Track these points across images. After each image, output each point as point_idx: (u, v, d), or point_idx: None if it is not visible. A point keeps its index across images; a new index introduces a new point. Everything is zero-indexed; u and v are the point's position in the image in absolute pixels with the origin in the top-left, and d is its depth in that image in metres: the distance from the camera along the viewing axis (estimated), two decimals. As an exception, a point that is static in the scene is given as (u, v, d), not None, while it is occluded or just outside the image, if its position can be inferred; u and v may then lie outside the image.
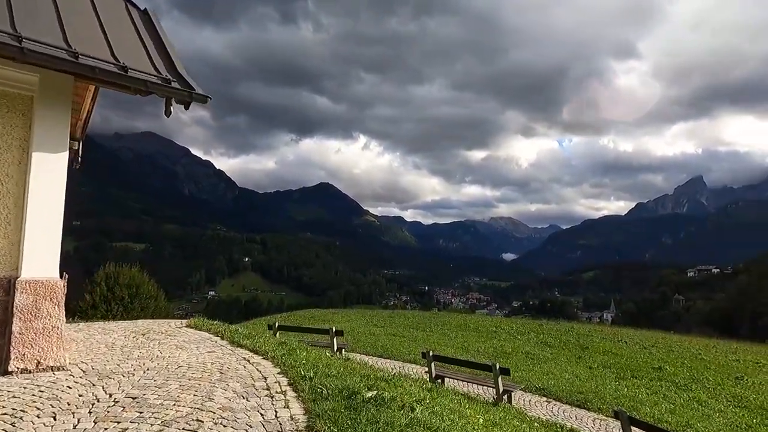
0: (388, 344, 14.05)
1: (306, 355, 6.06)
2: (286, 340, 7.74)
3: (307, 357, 5.96)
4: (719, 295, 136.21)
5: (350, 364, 6.14)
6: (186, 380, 4.92)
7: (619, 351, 17.34)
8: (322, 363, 5.64)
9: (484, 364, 8.82)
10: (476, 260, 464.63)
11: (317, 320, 23.44)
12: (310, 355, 6.18)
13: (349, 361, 6.57)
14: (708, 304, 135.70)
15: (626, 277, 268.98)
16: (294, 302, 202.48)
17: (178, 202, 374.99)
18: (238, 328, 8.00)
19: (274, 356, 5.86)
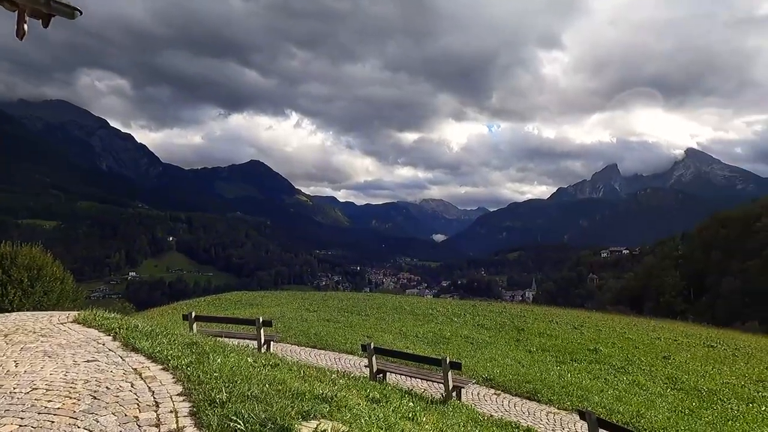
0: (322, 332, 12.87)
1: (221, 363, 4.73)
2: (202, 338, 6.35)
3: (223, 365, 4.64)
4: (628, 274, 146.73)
5: (279, 373, 4.85)
6: (33, 415, 3.45)
7: (552, 332, 17.27)
8: (242, 375, 4.34)
9: (433, 358, 7.90)
10: (408, 241, 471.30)
11: (245, 304, 21.83)
12: (227, 362, 4.84)
13: (277, 368, 5.26)
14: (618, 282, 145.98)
15: (547, 257, 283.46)
16: (222, 283, 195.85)
17: (95, 177, 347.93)
18: (138, 323, 6.46)
19: (178, 366, 4.49)
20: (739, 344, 20.73)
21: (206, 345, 5.60)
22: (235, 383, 3.97)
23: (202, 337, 6.43)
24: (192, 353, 5.06)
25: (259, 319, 9.37)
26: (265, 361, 5.42)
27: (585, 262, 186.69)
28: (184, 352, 5.06)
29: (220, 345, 5.98)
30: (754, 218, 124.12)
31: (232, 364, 4.73)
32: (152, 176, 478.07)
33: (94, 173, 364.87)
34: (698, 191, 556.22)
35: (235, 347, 6.31)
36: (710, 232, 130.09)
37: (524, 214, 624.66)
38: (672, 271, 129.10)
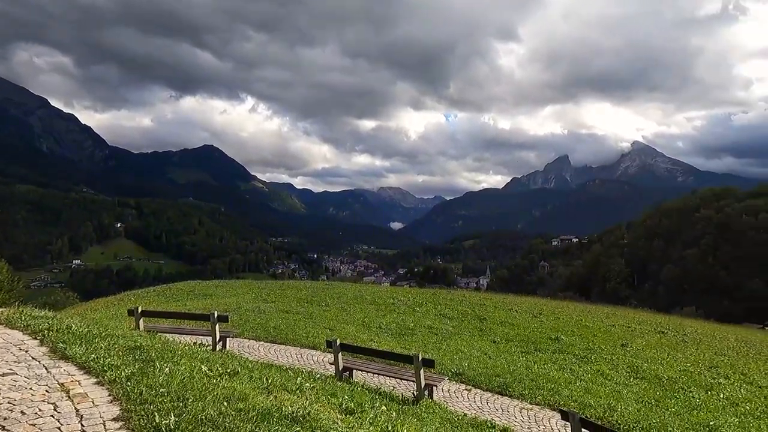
0: (281, 324, 12.16)
1: (170, 373, 4.05)
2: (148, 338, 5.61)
3: (172, 377, 3.95)
4: (577, 262, 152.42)
5: (239, 384, 4.18)
6: None
7: (514, 321, 17.28)
8: (195, 389, 3.69)
9: (403, 355, 7.44)
10: (365, 228, 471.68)
11: (198, 295, 20.78)
12: (177, 372, 4.15)
13: (237, 377, 4.58)
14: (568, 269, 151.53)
15: (501, 245, 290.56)
16: (174, 271, 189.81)
17: (34, 159, 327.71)
18: (73, 323, 5.58)
19: (116, 379, 3.77)
20: (687, 330, 21.51)
21: (152, 349, 4.85)
22: (187, 401, 3.31)
23: (149, 338, 5.68)
24: (135, 361, 4.34)
25: (213, 314, 8.46)
26: (223, 368, 4.73)
27: (537, 250, 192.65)
28: (126, 360, 4.32)
29: (169, 347, 5.24)
30: (693, 209, 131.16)
31: (183, 375, 4.04)
32: (98, 160, 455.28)
33: (33, 155, 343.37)
34: (643, 182, 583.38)
35: (186, 349, 5.59)
36: (653, 222, 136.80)
37: (480, 203, 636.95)
38: (617, 259, 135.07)
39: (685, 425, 7.49)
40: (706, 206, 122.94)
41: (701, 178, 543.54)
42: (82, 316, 14.07)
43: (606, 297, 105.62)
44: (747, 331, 32.81)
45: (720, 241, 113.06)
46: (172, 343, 5.81)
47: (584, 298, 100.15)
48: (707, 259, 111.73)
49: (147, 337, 5.70)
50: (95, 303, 24.50)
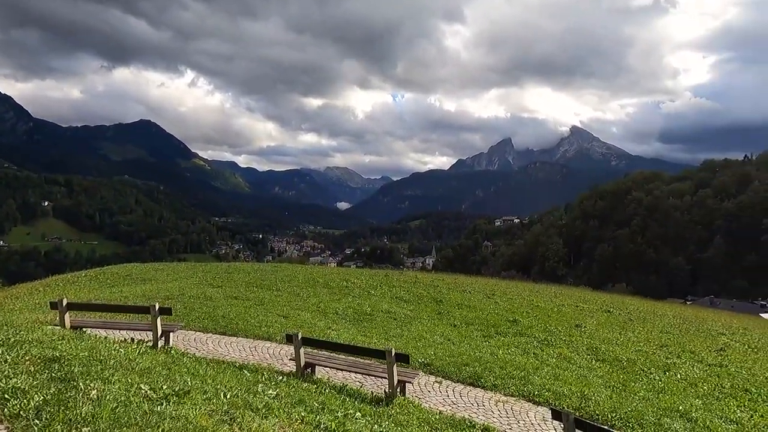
0: (230, 313, 11.18)
1: (98, 399, 3.11)
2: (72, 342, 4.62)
3: (100, 405, 3.00)
4: (518, 242, 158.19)
5: (191, 408, 3.29)
6: None
7: (469, 302, 17.08)
8: (132, 422, 2.80)
9: (376, 350, 6.77)
10: (312, 208, 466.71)
11: (136, 279, 19.25)
12: (108, 395, 3.21)
13: (187, 398, 3.67)
14: (509, 249, 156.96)
15: (446, 226, 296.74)
16: (109, 253, 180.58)
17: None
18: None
19: (21, 412, 2.79)
20: (629, 309, 22.20)
21: (76, 360, 3.87)
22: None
23: (73, 342, 4.68)
24: (51, 381, 3.36)
25: (154, 306, 7.36)
26: (169, 385, 3.80)
27: (481, 230, 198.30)
28: (39, 380, 3.35)
29: (98, 355, 4.28)
30: (625, 192, 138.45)
31: (115, 400, 3.11)
32: (20, 132, 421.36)
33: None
34: (579, 166, 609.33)
35: (121, 354, 4.62)
36: (589, 204, 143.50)
37: (426, 184, 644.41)
38: (556, 239, 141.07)
39: (656, 411, 7.35)
40: (636, 189, 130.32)
41: (632, 162, 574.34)
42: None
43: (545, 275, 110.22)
44: (677, 306, 34.68)
45: (648, 222, 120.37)
46: (102, 346, 4.84)
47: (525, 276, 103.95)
48: (637, 238, 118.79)
49: (71, 341, 4.70)
50: (17, 289, 22.28)
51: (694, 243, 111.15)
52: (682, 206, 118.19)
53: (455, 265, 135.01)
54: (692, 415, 7.31)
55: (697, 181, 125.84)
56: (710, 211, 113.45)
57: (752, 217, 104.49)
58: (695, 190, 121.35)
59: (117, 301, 12.59)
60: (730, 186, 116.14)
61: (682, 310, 27.41)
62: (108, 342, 5.49)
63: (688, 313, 25.84)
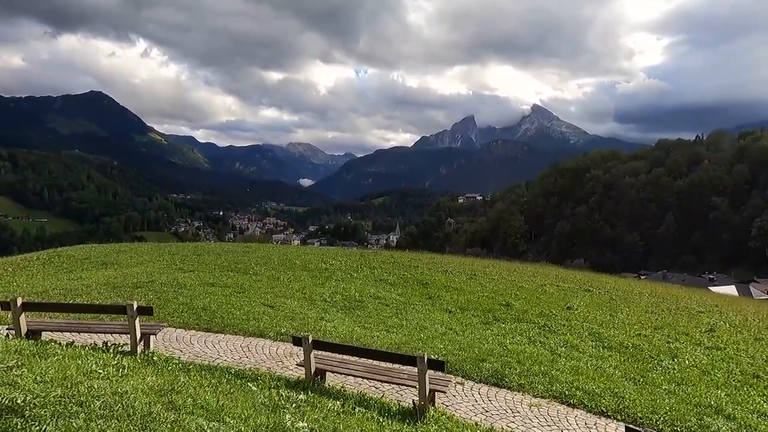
0: (211, 303, 10.03)
1: None
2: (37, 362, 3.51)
3: None
4: (481, 219, 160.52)
5: None
6: None
7: (456, 285, 16.46)
8: None
9: (404, 356, 5.83)
10: (274, 185, 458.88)
11: (95, 263, 17.63)
12: None
13: None
14: (472, 226, 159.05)
15: (409, 203, 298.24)
16: (60, 230, 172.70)
17: None
18: None
19: None
20: (607, 287, 22.11)
21: (46, 409, 2.71)
22: None
23: (36, 363, 3.56)
24: None
25: (132, 305, 6.25)
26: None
27: (444, 208, 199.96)
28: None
29: (74, 392, 3.11)
30: (584, 170, 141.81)
31: None
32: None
33: None
34: (540, 144, 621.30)
35: (103, 381, 3.50)
36: (550, 181, 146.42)
37: (389, 161, 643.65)
38: (518, 216, 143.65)
39: (691, 408, 6.86)
40: (595, 167, 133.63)
41: (590, 141, 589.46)
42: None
43: (507, 252, 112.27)
44: (647, 283, 35.35)
45: (605, 199, 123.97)
46: (76, 369, 3.74)
47: (488, 253, 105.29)
48: (594, 215, 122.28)
49: (32, 365, 3.54)
50: (-41, 273, 20.12)
51: (648, 220, 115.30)
52: (637, 184, 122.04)
53: (419, 242, 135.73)
54: (729, 412, 6.85)
55: (651, 160, 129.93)
56: (663, 189, 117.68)
57: (702, 195, 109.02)
58: (650, 168, 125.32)
59: (77, 290, 11.23)
60: (682, 165, 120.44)
61: (653, 287, 27.76)
62: (82, 359, 4.38)
63: (661, 290, 26.15)
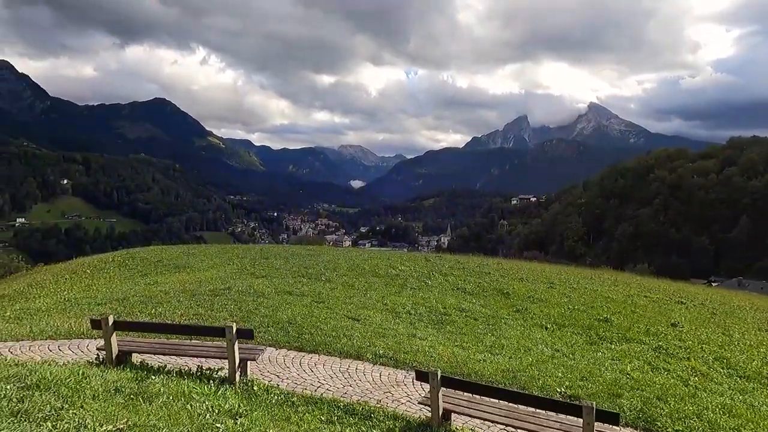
0: (295, 316, 9.52)
1: None
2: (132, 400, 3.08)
3: None
4: (535, 220, 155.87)
5: None
6: None
7: (539, 295, 15.41)
8: None
9: (565, 404, 4.94)
10: (325, 186, 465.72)
11: (168, 266, 17.94)
12: None
13: None
14: (526, 228, 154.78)
15: (460, 204, 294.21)
16: (127, 230, 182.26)
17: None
18: None
19: None
20: (698, 298, 20.18)
21: None
22: None
23: (131, 397, 3.18)
24: None
25: (231, 328, 5.72)
26: None
27: (496, 209, 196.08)
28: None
29: None
30: (647, 170, 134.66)
31: None
32: (38, 111, 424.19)
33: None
34: (597, 143, 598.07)
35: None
36: (609, 182, 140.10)
37: (440, 162, 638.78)
38: (575, 218, 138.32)
39: None
40: (660, 167, 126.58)
41: (651, 139, 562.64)
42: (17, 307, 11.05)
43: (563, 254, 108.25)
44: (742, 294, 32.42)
45: (671, 201, 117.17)
46: (180, 426, 3.29)
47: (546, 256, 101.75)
48: (659, 217, 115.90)
49: (139, 406, 3.13)
50: (42, 274, 21.05)
51: (718, 222, 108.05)
52: (706, 184, 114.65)
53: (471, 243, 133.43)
54: None
55: (722, 158, 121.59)
56: (736, 190, 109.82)
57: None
58: (721, 168, 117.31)
59: (156, 297, 11.15)
60: (758, 164, 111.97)
61: (751, 299, 25.20)
62: (191, 403, 3.96)
63: (759, 302, 23.73)
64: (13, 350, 7.23)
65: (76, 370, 4.50)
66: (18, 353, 7.04)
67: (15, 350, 7.23)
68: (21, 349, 7.31)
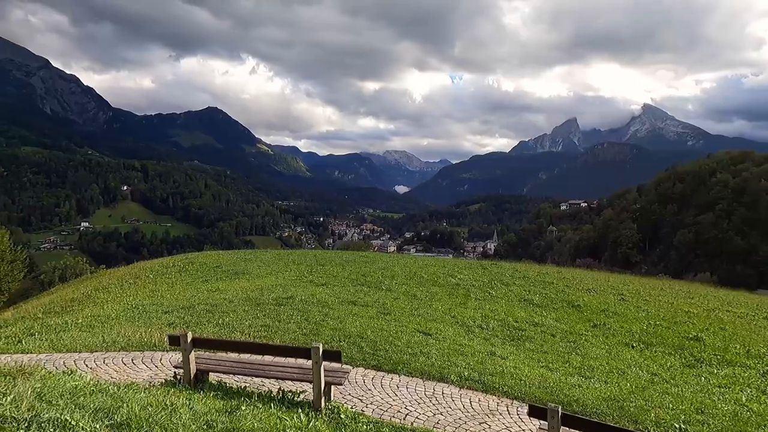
0: (365, 329, 9.10)
1: None
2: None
3: None
4: (586, 226, 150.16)
5: None
6: None
7: (612, 308, 14.41)
8: None
9: None
10: (370, 192, 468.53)
11: (227, 272, 18.04)
12: None
13: None
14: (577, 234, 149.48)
15: (507, 209, 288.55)
16: (181, 234, 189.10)
17: (38, 121, 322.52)
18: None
19: None
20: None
21: None
22: None
23: None
24: None
25: (317, 349, 5.30)
26: None
27: (545, 214, 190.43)
28: None
29: None
30: (708, 173, 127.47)
31: None
32: (101, 122, 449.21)
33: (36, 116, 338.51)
34: (652, 146, 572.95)
35: None
36: (667, 186, 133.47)
37: (486, 167, 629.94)
38: (629, 224, 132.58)
39: None
40: (722, 170, 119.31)
41: (711, 142, 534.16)
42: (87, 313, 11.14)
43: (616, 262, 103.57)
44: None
45: (735, 206, 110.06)
46: None
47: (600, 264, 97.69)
48: (722, 223, 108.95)
49: None
50: (107, 277, 21.58)
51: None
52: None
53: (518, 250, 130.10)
54: None
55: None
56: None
57: None
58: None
59: (220, 306, 11.01)
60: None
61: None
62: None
63: None
64: (89, 363, 7.23)
65: (161, 398, 4.23)
66: (95, 367, 7.03)
67: (91, 363, 7.23)
68: (96, 362, 7.30)
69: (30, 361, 6.90)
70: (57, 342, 7.99)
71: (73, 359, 7.21)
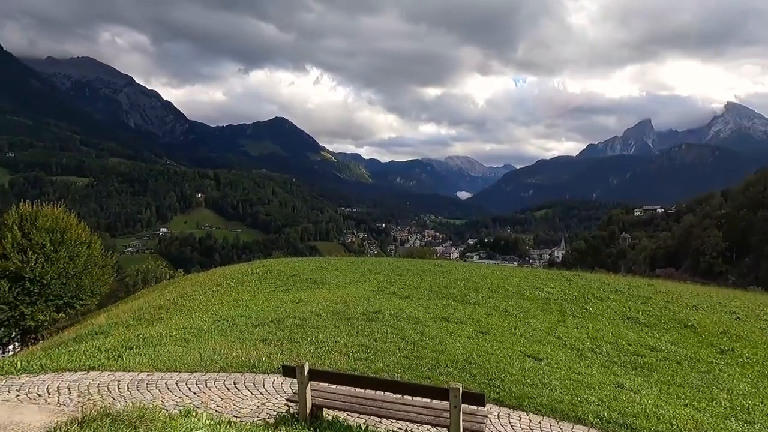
0: (470, 354, 8.30)
1: None
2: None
3: None
4: (663, 233, 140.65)
5: None
6: None
7: (733, 330, 12.81)
8: None
9: None
10: (432, 198, 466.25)
11: (305, 281, 17.92)
12: None
13: None
14: (653, 242, 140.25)
15: (575, 215, 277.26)
16: (250, 240, 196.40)
17: (123, 134, 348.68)
18: None
19: None
20: None
21: None
22: None
23: None
24: None
25: (457, 389, 4.65)
26: None
27: (617, 221, 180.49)
28: None
29: None
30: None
31: None
32: (178, 133, 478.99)
33: (121, 130, 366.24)
34: (737, 147, 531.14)
35: None
36: (758, 190, 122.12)
37: (551, 171, 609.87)
38: (713, 231, 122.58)
39: None
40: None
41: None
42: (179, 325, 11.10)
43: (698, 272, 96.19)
44: None
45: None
46: None
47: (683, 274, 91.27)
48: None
49: None
50: (189, 284, 22.02)
51: None
52: None
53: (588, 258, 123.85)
54: None
55: None
56: None
57: None
58: None
59: (309, 320, 10.63)
60: None
61: None
62: None
63: None
64: (191, 386, 7.01)
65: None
66: (197, 391, 6.80)
67: (193, 386, 7.00)
68: (198, 384, 7.05)
69: (134, 384, 6.75)
70: (156, 358, 7.88)
71: (175, 381, 6.99)
